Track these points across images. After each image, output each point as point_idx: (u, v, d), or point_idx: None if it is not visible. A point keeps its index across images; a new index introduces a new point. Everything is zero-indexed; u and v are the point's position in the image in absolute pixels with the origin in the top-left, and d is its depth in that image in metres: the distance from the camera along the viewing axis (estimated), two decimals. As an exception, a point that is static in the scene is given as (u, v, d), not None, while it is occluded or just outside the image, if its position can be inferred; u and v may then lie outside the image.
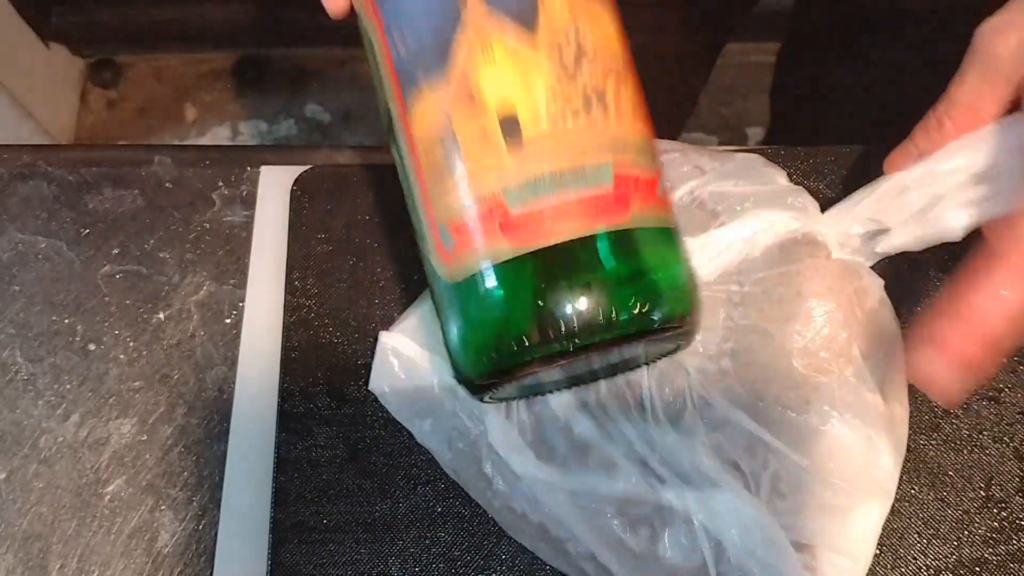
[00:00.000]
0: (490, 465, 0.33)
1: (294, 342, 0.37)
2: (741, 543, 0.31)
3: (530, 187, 0.26)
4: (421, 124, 0.27)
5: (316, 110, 1.25)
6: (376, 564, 0.33)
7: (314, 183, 0.40)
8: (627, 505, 0.32)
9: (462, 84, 0.26)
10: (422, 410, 0.34)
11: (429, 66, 0.27)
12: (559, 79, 0.26)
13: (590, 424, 0.33)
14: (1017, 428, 0.35)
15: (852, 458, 0.31)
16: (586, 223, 0.26)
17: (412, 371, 0.35)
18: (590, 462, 0.33)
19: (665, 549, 0.31)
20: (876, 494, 0.32)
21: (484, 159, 0.26)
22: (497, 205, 0.26)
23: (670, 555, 0.31)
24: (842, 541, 0.31)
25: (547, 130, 0.26)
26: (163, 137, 1.24)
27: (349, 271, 0.38)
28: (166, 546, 0.34)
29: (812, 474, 0.31)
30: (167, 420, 0.36)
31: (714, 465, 0.32)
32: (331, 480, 0.34)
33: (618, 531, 0.32)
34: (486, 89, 0.26)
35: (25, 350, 0.38)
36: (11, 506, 0.35)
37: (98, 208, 0.41)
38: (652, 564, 0.31)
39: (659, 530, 0.32)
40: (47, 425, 0.36)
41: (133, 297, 0.39)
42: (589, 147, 0.26)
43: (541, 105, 0.26)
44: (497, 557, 0.33)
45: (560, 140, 0.26)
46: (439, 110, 0.27)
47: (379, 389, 0.35)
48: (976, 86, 0.31)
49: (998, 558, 0.33)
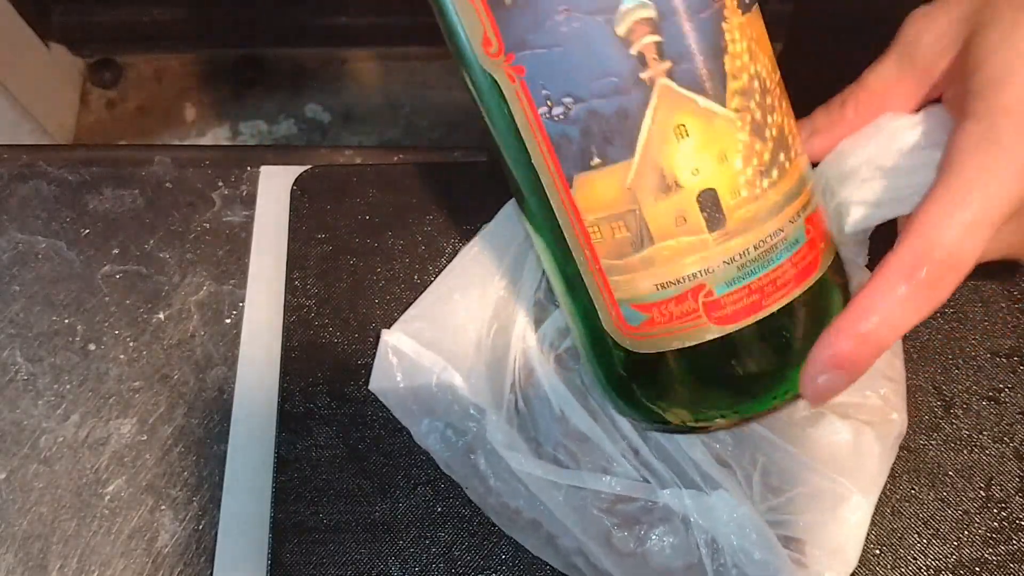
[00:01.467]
0: (484, 462, 0.33)
1: (294, 342, 0.37)
2: (735, 541, 0.31)
3: (736, 266, 0.24)
4: (592, 200, 0.25)
5: (316, 110, 1.25)
6: (376, 564, 0.33)
7: (314, 183, 0.40)
8: (621, 503, 0.32)
9: (650, 164, 0.24)
10: (421, 408, 0.34)
11: (606, 145, 0.24)
12: (751, 141, 0.24)
13: (586, 417, 0.33)
14: (1017, 428, 0.35)
15: (841, 448, 0.32)
16: (792, 288, 0.25)
17: (413, 370, 0.35)
18: (585, 459, 0.33)
19: (659, 547, 0.31)
20: (865, 486, 0.32)
21: (681, 241, 0.24)
22: (699, 287, 0.24)
23: (665, 553, 0.31)
24: (831, 534, 0.31)
25: (746, 198, 0.24)
26: (163, 137, 1.24)
27: (349, 271, 0.38)
28: (166, 546, 0.34)
29: (800, 463, 0.31)
30: (167, 420, 0.36)
31: (706, 459, 0.32)
32: (331, 480, 0.34)
33: (611, 529, 0.32)
34: (679, 169, 0.24)
35: (25, 350, 0.38)
36: (11, 506, 0.35)
37: (98, 208, 0.41)
38: (645, 562, 0.31)
39: (652, 528, 0.32)
40: (47, 425, 0.36)
41: (133, 297, 0.39)
42: (784, 204, 0.25)
43: (739, 175, 0.24)
44: (497, 557, 0.33)
45: (759, 206, 0.24)
46: (619, 188, 0.24)
47: (379, 387, 0.35)
48: (889, 72, 0.29)
49: (998, 558, 0.33)
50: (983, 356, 0.36)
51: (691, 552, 0.31)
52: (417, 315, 0.36)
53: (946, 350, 0.36)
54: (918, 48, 0.28)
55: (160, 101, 1.27)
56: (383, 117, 1.25)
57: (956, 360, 0.36)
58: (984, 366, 0.36)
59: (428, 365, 0.35)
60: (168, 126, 1.25)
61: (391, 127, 1.24)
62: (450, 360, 0.35)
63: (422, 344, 0.35)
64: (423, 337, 0.35)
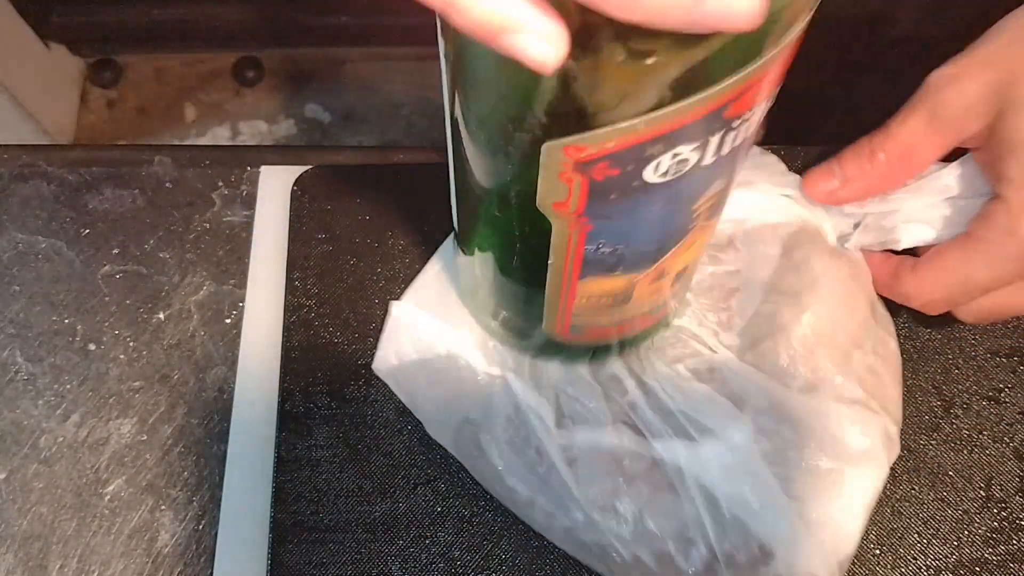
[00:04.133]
0: (491, 440, 0.33)
1: (294, 342, 0.37)
2: (732, 492, 0.31)
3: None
4: (594, 288, 0.27)
5: (316, 110, 1.25)
6: (376, 564, 0.33)
7: (314, 183, 0.40)
8: (622, 460, 0.32)
9: (659, 269, 0.26)
10: (429, 380, 0.34)
11: (634, 265, 0.26)
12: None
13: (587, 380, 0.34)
14: (1017, 428, 0.35)
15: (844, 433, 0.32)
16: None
17: (421, 342, 0.35)
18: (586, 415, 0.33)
19: (658, 509, 0.31)
20: (868, 464, 0.32)
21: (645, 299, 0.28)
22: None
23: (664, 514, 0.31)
24: (834, 504, 0.31)
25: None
26: (163, 137, 1.24)
27: (349, 271, 0.38)
28: (166, 546, 0.34)
29: (805, 441, 0.32)
30: (167, 420, 0.36)
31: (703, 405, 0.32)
32: (331, 480, 0.34)
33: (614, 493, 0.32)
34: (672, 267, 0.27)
35: (25, 350, 0.38)
36: (11, 506, 0.35)
37: (98, 208, 0.41)
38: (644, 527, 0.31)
39: (653, 491, 0.32)
40: (47, 425, 0.36)
41: (133, 297, 0.39)
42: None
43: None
44: (497, 557, 0.33)
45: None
46: (626, 283, 0.27)
47: (386, 363, 0.35)
48: (919, 128, 0.31)
49: (998, 558, 0.33)
50: (983, 356, 0.36)
51: (689, 509, 0.31)
52: (426, 286, 0.36)
53: (946, 350, 0.36)
54: (950, 110, 0.30)
55: (160, 101, 1.27)
56: (383, 117, 1.25)
57: (956, 360, 0.36)
58: (984, 366, 0.36)
59: (436, 339, 0.35)
60: (168, 126, 1.25)
61: (391, 127, 1.24)
62: (459, 329, 0.35)
63: (431, 315, 0.35)
64: (433, 308, 0.35)
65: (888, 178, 0.33)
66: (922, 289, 0.33)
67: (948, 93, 0.30)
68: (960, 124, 0.31)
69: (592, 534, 0.31)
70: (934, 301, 0.33)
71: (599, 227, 0.23)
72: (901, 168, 0.32)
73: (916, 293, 0.33)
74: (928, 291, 0.33)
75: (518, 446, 0.33)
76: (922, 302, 0.33)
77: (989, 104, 0.30)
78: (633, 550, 0.31)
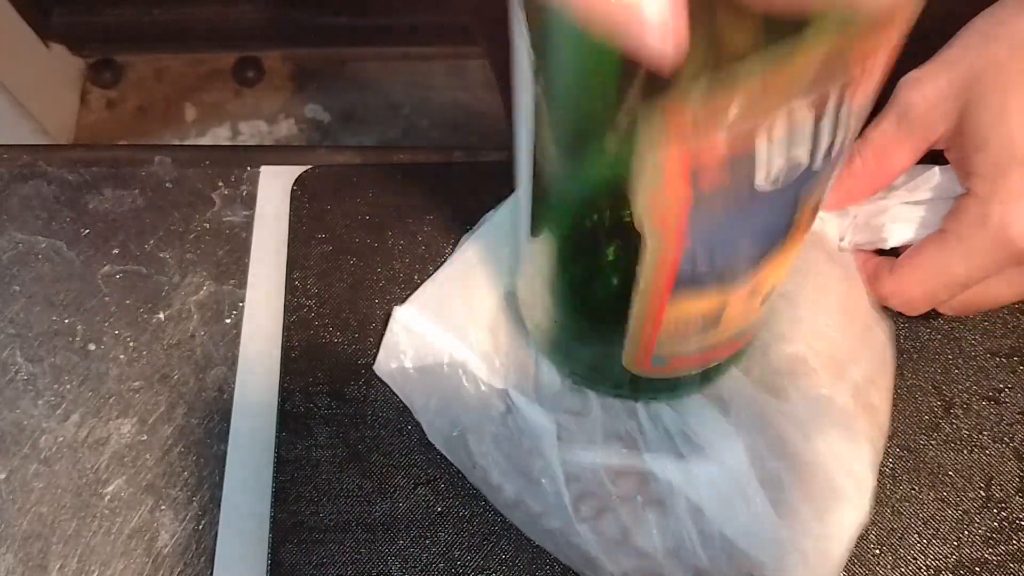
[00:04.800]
0: (491, 446, 0.33)
1: (294, 342, 0.37)
2: (721, 510, 0.31)
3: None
4: (683, 308, 0.25)
5: (316, 110, 1.25)
6: (376, 564, 0.33)
7: (314, 183, 0.40)
8: (612, 476, 0.32)
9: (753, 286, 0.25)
10: (428, 387, 0.34)
11: (729, 279, 0.24)
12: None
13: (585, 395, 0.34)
14: (1017, 428, 0.35)
15: (834, 455, 0.32)
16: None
17: (422, 347, 0.35)
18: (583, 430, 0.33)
19: (646, 526, 0.31)
20: (855, 489, 0.31)
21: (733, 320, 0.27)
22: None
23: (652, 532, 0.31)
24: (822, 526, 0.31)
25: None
26: (163, 137, 1.24)
27: (349, 271, 0.38)
28: (166, 546, 0.34)
29: (795, 460, 0.31)
30: (167, 420, 0.36)
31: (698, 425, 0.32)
32: (331, 480, 0.34)
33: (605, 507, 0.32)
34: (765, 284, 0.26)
35: (25, 350, 0.38)
36: (11, 506, 0.35)
37: (98, 208, 0.41)
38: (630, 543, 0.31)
39: (642, 508, 0.32)
40: (47, 425, 0.36)
41: (133, 297, 0.39)
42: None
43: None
44: (497, 557, 0.33)
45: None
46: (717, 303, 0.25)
47: (387, 366, 0.35)
48: (890, 132, 0.32)
49: (998, 558, 0.33)
50: (983, 356, 0.36)
51: (677, 525, 0.31)
52: (430, 292, 0.36)
53: (946, 350, 0.36)
54: (916, 112, 0.31)
55: (160, 101, 1.27)
56: (383, 117, 1.25)
57: (956, 360, 0.36)
58: (984, 366, 0.36)
59: (437, 345, 0.35)
60: (168, 126, 1.25)
61: (391, 127, 1.24)
62: (463, 339, 0.35)
63: (434, 322, 0.35)
64: (437, 313, 0.35)
65: (867, 183, 0.33)
66: (901, 288, 0.33)
67: (914, 95, 0.31)
68: (928, 125, 0.31)
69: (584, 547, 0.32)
70: (914, 299, 0.33)
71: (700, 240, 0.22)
72: (878, 172, 0.33)
73: (895, 293, 0.33)
74: (907, 290, 0.33)
75: (516, 459, 0.33)
76: (901, 301, 0.33)
77: (954, 103, 0.30)
78: (622, 566, 0.31)
